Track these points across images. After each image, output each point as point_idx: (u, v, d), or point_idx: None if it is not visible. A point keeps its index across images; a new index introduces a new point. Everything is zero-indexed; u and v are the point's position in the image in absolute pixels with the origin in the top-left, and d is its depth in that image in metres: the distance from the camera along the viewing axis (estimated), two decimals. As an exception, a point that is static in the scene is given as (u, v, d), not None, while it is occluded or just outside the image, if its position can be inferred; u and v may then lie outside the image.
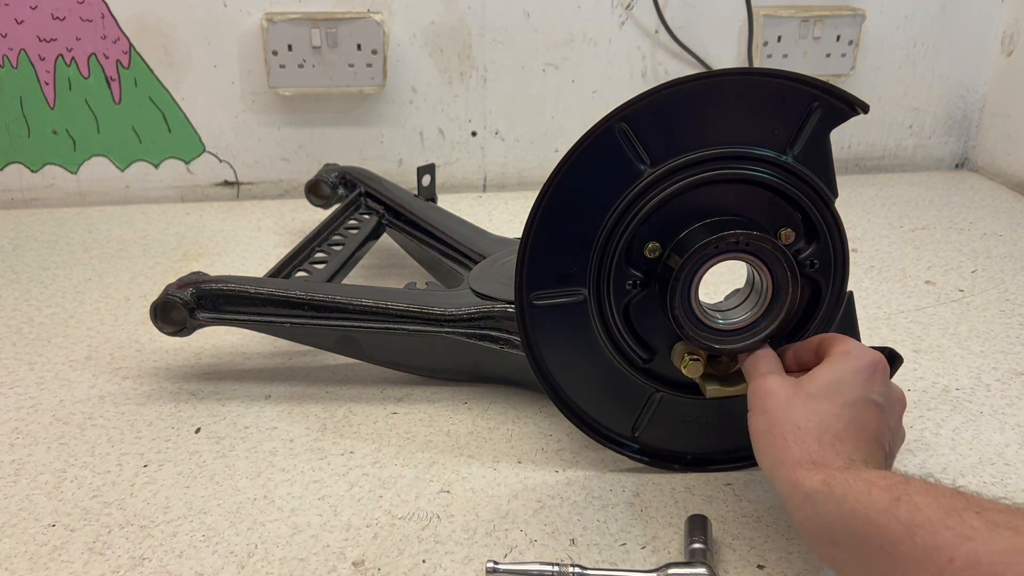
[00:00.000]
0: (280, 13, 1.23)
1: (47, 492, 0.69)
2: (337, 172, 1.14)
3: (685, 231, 0.64)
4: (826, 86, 0.64)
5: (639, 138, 0.63)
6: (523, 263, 0.66)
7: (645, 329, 0.68)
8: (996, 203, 1.34)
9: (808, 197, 0.65)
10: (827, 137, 0.65)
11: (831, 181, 0.65)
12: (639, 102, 0.62)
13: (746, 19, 1.32)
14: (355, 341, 0.82)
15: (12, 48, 1.21)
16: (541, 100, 1.35)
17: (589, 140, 0.63)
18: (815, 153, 0.64)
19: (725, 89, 0.63)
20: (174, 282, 0.82)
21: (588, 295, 0.67)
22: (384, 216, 1.07)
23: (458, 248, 0.96)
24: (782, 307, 0.65)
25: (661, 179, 0.63)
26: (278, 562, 0.62)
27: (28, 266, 1.10)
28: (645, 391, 0.70)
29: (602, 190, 0.64)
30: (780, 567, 0.62)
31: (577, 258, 0.66)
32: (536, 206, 0.65)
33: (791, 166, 0.64)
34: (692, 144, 0.63)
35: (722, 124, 0.63)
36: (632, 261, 0.66)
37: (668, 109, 0.63)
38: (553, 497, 0.69)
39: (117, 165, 1.30)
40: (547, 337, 0.68)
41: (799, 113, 0.64)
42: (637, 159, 0.64)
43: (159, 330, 0.82)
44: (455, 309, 0.79)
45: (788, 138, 0.64)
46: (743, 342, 0.66)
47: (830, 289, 0.67)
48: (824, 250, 0.66)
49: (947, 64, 1.44)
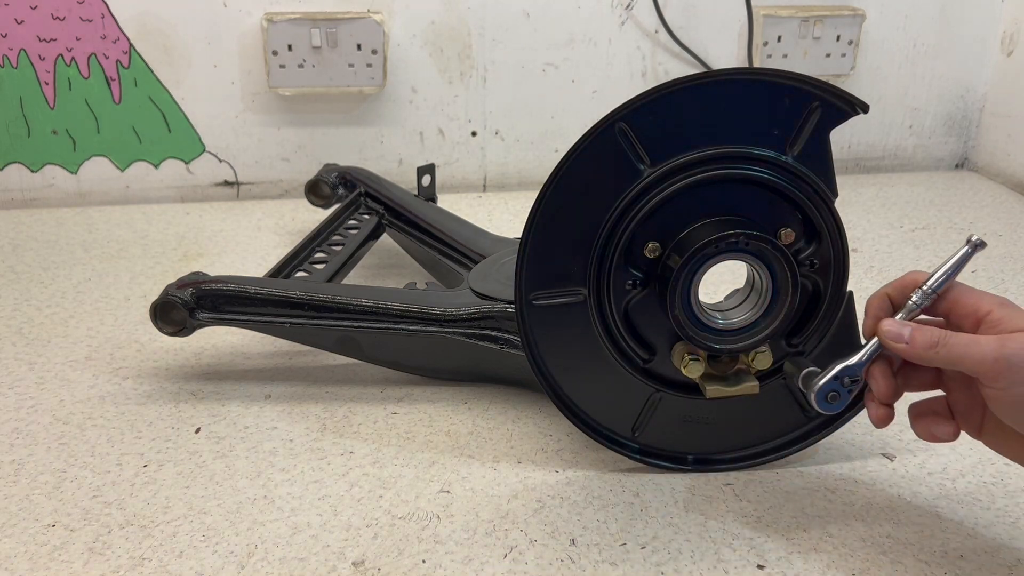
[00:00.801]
0: (280, 13, 1.23)
1: (47, 492, 0.69)
2: (337, 172, 1.14)
3: (685, 231, 0.64)
4: (826, 86, 0.64)
5: (639, 138, 0.63)
6: (523, 263, 0.66)
7: (645, 329, 0.68)
8: (996, 203, 1.34)
9: (808, 197, 0.65)
10: (827, 137, 0.65)
11: (831, 181, 0.65)
12: (639, 102, 0.62)
13: (746, 19, 1.32)
14: (355, 341, 0.82)
15: (12, 48, 1.21)
16: (541, 100, 1.35)
17: (589, 140, 0.63)
18: (815, 153, 0.64)
19: (725, 89, 0.63)
20: (174, 282, 0.82)
21: (588, 295, 0.67)
22: (384, 216, 1.07)
23: (458, 248, 0.96)
24: (782, 307, 0.65)
25: (661, 179, 0.64)
26: (278, 562, 0.62)
27: (28, 266, 1.10)
28: (645, 391, 0.70)
29: (602, 190, 0.64)
30: (780, 567, 0.62)
31: (577, 258, 0.66)
32: (536, 206, 0.65)
33: (791, 166, 0.64)
34: (692, 144, 0.63)
35: (722, 124, 0.63)
36: (632, 261, 0.66)
37: (668, 109, 0.63)
38: (553, 497, 0.69)
39: (117, 165, 1.30)
40: (547, 337, 0.68)
41: (799, 113, 0.64)
42: (637, 159, 0.64)
43: (159, 330, 0.82)
44: (455, 309, 0.79)
45: (788, 138, 0.64)
46: (743, 342, 0.66)
47: (830, 289, 0.67)
48: (824, 250, 0.66)
49: (947, 64, 1.44)
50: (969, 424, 0.60)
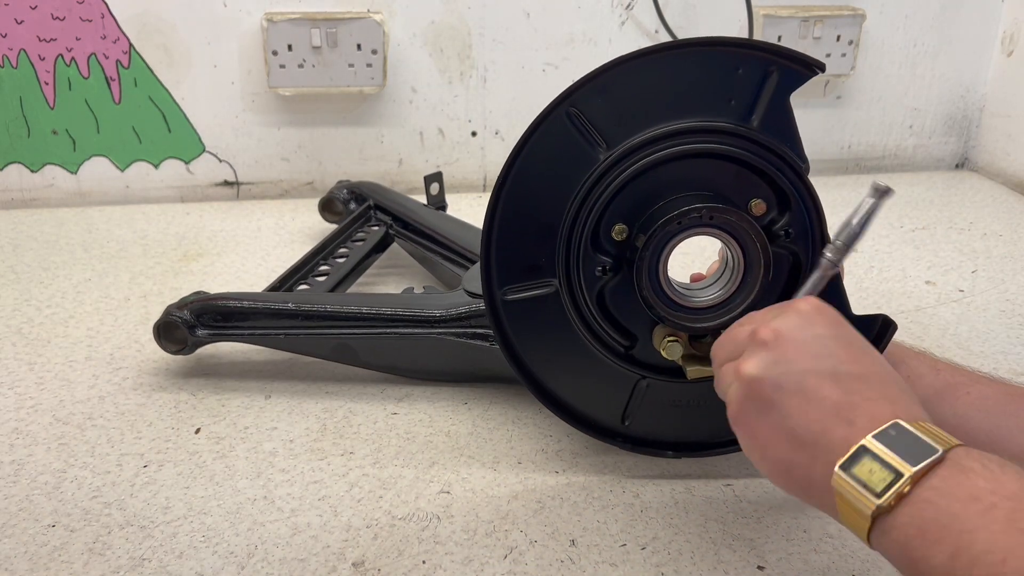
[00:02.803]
0: (280, 13, 1.23)
1: (47, 492, 0.69)
2: (348, 188, 1.16)
3: (649, 211, 0.63)
4: (779, 48, 0.62)
5: (591, 121, 0.62)
6: (488, 258, 0.66)
7: (623, 315, 0.67)
8: (996, 203, 1.34)
9: (774, 165, 0.63)
10: (787, 102, 0.63)
11: (797, 147, 0.64)
12: (584, 84, 0.61)
13: (746, 19, 1.32)
14: (350, 348, 0.82)
15: (12, 48, 1.21)
16: (541, 100, 1.34)
17: (537, 129, 0.62)
18: (776, 120, 0.63)
19: (674, 63, 0.62)
20: (175, 302, 0.84)
21: (559, 285, 0.66)
22: (392, 226, 1.08)
23: (463, 253, 0.97)
24: (756, 280, 0.63)
25: (619, 160, 0.62)
26: (278, 563, 0.62)
27: (28, 266, 1.10)
28: (631, 379, 0.69)
29: (560, 177, 0.63)
30: (780, 567, 0.62)
31: (543, 248, 0.65)
32: (493, 199, 0.64)
33: (752, 135, 0.62)
34: (647, 122, 0.62)
35: (676, 99, 0.62)
36: (600, 246, 0.65)
37: (616, 88, 0.61)
38: (553, 498, 0.69)
39: (117, 165, 1.30)
40: (523, 332, 0.67)
41: (754, 80, 0.62)
42: (591, 142, 0.63)
43: (163, 349, 0.84)
44: (445, 310, 0.80)
45: (746, 107, 0.62)
46: (719, 319, 0.64)
47: (810, 258, 0.66)
48: (799, 219, 0.65)
49: (947, 64, 1.43)
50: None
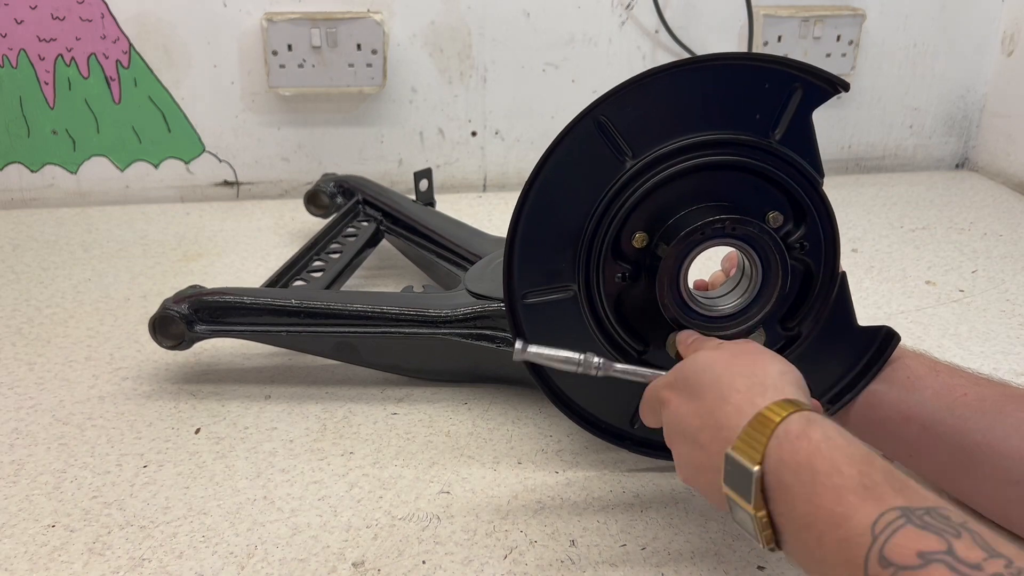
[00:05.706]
0: (280, 13, 1.23)
1: (47, 492, 0.69)
2: (335, 181, 1.14)
3: (671, 220, 0.64)
4: (805, 67, 0.63)
5: (618, 130, 0.63)
6: (511, 262, 0.66)
7: (638, 321, 0.67)
8: (996, 203, 1.34)
9: (793, 179, 0.64)
10: (810, 118, 0.64)
11: (816, 161, 0.65)
12: (616, 94, 0.62)
13: (746, 19, 1.32)
14: (352, 347, 0.82)
15: (12, 48, 1.21)
16: (541, 100, 1.35)
17: (567, 135, 0.63)
18: (798, 135, 0.64)
19: (704, 76, 0.62)
20: (171, 296, 0.82)
21: (578, 290, 0.66)
22: (382, 222, 1.07)
23: (455, 250, 0.96)
24: (773, 291, 0.64)
25: (644, 170, 0.63)
26: (278, 563, 0.62)
27: (28, 266, 1.10)
28: (641, 383, 0.69)
29: (585, 184, 0.64)
30: (780, 567, 0.62)
31: (565, 254, 0.65)
32: (520, 205, 0.65)
33: (775, 149, 0.64)
34: (673, 132, 0.63)
35: (703, 111, 0.63)
36: (620, 253, 0.65)
37: (646, 99, 0.62)
38: (553, 498, 0.69)
39: (117, 165, 1.30)
40: (539, 334, 0.68)
41: (780, 95, 0.63)
42: (618, 151, 0.63)
43: (159, 344, 0.82)
44: (450, 310, 0.79)
45: (770, 121, 0.63)
46: (736, 328, 0.65)
47: (822, 271, 0.67)
48: (813, 231, 0.66)
49: (947, 64, 1.43)
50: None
